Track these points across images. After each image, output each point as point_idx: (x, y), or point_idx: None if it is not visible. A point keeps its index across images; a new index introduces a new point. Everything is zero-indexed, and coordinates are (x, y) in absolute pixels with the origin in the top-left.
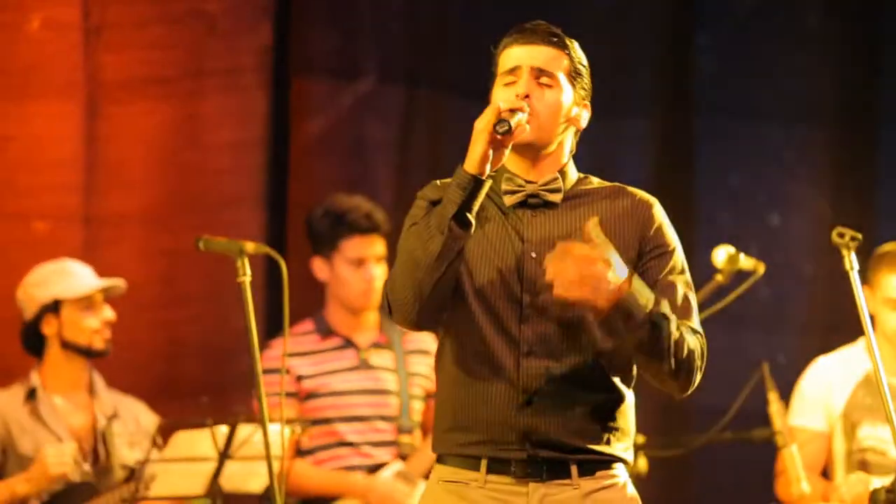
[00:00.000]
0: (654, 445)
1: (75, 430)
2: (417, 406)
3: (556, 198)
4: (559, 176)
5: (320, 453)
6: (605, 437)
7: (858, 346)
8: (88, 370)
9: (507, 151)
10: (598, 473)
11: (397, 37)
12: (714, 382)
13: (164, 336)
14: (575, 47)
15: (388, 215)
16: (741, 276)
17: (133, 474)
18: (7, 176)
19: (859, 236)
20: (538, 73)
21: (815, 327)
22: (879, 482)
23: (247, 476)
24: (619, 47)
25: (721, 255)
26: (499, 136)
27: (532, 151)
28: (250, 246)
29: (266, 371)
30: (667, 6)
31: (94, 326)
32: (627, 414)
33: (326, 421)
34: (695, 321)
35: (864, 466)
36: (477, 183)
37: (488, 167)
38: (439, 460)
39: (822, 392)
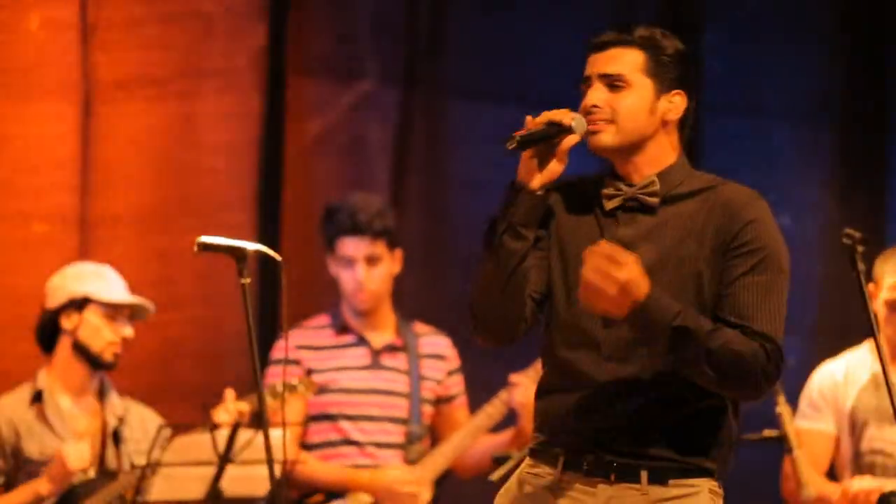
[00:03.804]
0: None
1: (81, 435)
2: (428, 410)
3: (653, 201)
4: (656, 179)
5: (325, 450)
6: (686, 444)
7: (864, 348)
8: (99, 375)
9: (557, 163)
10: (672, 482)
11: (394, 38)
12: None
13: (160, 338)
14: (651, 38)
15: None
16: None
17: (141, 474)
18: (6, 176)
19: (867, 238)
20: (607, 78)
21: (825, 330)
22: (887, 484)
23: (248, 480)
24: None
25: None
26: (510, 149)
27: (622, 155)
28: (251, 248)
29: (275, 362)
30: (673, 6)
31: (110, 338)
32: (717, 423)
33: (332, 417)
34: (768, 325)
35: (871, 469)
36: (523, 194)
37: (538, 178)
38: (529, 454)
39: (829, 395)
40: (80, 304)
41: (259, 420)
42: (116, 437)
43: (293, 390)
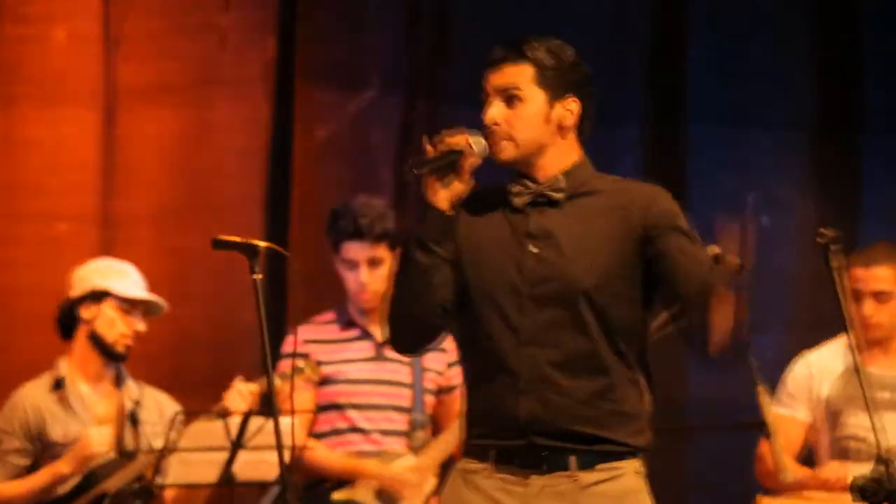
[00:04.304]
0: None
1: (100, 419)
2: (430, 400)
3: (559, 196)
4: (562, 177)
5: (333, 437)
6: (609, 423)
7: (840, 341)
8: (115, 364)
9: (459, 183)
10: (599, 466)
11: (396, 49)
12: (705, 377)
13: (175, 330)
14: (540, 50)
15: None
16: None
17: (159, 455)
18: (34, 178)
19: (840, 236)
20: (503, 93)
21: (802, 323)
22: (859, 469)
23: (259, 465)
24: (613, 57)
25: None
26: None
27: (525, 162)
28: (262, 245)
29: (286, 355)
30: (659, 18)
31: (123, 331)
32: (634, 398)
33: (339, 407)
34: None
35: (846, 454)
36: (431, 212)
37: (444, 198)
38: (462, 451)
39: (803, 385)
40: (99, 296)
41: (269, 408)
42: (134, 420)
43: (300, 372)
